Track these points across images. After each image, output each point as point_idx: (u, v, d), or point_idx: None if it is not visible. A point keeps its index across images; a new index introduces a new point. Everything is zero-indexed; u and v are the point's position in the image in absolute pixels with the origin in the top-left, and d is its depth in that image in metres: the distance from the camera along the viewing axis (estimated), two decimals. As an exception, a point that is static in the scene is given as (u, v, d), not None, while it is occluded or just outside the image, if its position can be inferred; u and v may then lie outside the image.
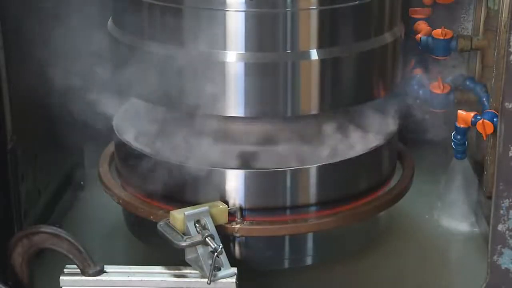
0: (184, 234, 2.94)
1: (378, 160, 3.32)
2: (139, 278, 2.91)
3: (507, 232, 2.93)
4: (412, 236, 3.60)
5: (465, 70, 4.11)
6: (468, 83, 3.77)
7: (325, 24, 2.97)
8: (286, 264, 3.28)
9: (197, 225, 2.95)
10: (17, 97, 3.10)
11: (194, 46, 2.97)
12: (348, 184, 3.22)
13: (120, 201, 3.30)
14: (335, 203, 3.18)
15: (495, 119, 3.28)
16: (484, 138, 3.43)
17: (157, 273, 2.94)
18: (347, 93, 3.09)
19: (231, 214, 3.07)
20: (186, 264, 2.95)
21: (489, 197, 3.22)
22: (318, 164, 3.13)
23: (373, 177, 3.31)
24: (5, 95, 3.03)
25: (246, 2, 2.89)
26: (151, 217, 3.15)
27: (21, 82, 3.14)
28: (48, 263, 3.15)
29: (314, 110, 3.07)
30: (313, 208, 3.16)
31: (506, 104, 2.82)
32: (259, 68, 2.95)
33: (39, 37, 3.22)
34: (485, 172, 3.58)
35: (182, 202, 3.11)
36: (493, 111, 3.34)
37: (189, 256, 2.93)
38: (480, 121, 3.32)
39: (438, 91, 3.73)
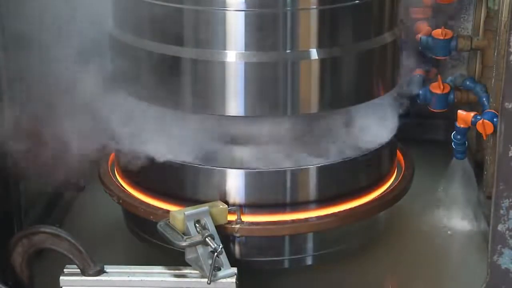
0: (184, 234, 2.94)
1: (378, 160, 3.33)
2: (139, 278, 2.91)
3: (507, 232, 2.93)
4: (412, 236, 3.60)
5: (465, 70, 4.12)
6: (468, 83, 3.77)
7: (325, 24, 2.97)
8: (286, 264, 3.28)
9: (197, 225, 2.95)
10: (17, 97, 3.10)
11: (194, 46, 2.97)
12: (348, 184, 3.22)
13: (120, 201, 3.30)
14: (335, 203, 3.19)
15: (495, 119, 3.28)
16: (484, 138, 3.44)
17: (157, 273, 2.94)
18: (347, 92, 3.09)
19: (231, 214, 3.07)
20: (186, 264, 2.95)
21: (489, 197, 3.22)
22: (318, 164, 3.13)
23: (373, 177, 3.31)
24: (5, 95, 3.03)
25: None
26: (151, 217, 3.16)
27: (22, 81, 3.13)
28: (48, 263, 3.15)
29: (314, 110, 3.07)
30: (313, 208, 3.16)
31: (506, 104, 2.82)
32: (259, 68, 2.95)
33: (40, 37, 3.22)
34: (485, 172, 3.58)
35: (182, 202, 3.11)
36: (493, 111, 3.34)
37: (189, 256, 2.94)
38: (480, 121, 3.32)
39: (438, 91, 3.73)
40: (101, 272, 2.92)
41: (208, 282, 2.86)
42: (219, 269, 2.90)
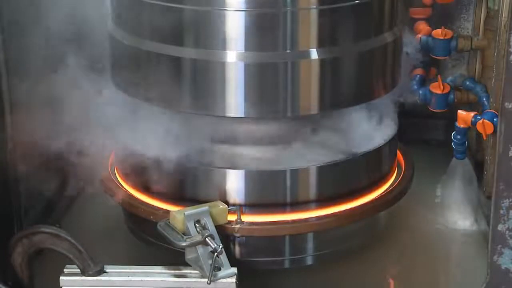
0: (184, 234, 2.94)
1: (378, 160, 3.33)
2: (139, 278, 2.91)
3: (507, 232, 2.93)
4: (412, 236, 3.60)
5: (465, 70, 4.11)
6: (468, 83, 3.77)
7: (325, 24, 2.97)
8: (286, 264, 3.28)
9: (197, 225, 2.95)
10: (17, 97, 3.10)
11: (194, 46, 2.97)
12: (348, 183, 3.22)
13: (120, 201, 3.30)
14: (335, 203, 3.19)
15: (495, 119, 3.28)
16: (484, 138, 3.44)
17: (157, 273, 2.94)
18: (347, 93, 3.09)
19: (231, 214, 3.07)
20: (186, 264, 2.95)
21: (489, 197, 3.22)
22: (318, 164, 3.13)
23: (373, 176, 3.31)
24: (5, 95, 3.03)
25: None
26: (151, 217, 3.16)
27: (22, 81, 3.13)
28: (48, 263, 3.15)
29: (314, 110, 3.07)
30: (313, 208, 3.16)
31: (506, 104, 2.82)
32: (259, 68, 2.95)
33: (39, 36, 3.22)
34: (485, 172, 3.58)
35: (182, 202, 3.11)
36: (493, 111, 3.34)
37: (189, 256, 2.94)
38: (480, 121, 3.32)
39: (438, 91, 3.73)
40: (101, 272, 2.92)
41: (208, 282, 2.86)
42: (219, 269, 2.90)
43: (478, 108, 3.60)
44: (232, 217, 3.07)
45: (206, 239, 2.89)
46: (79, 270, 2.91)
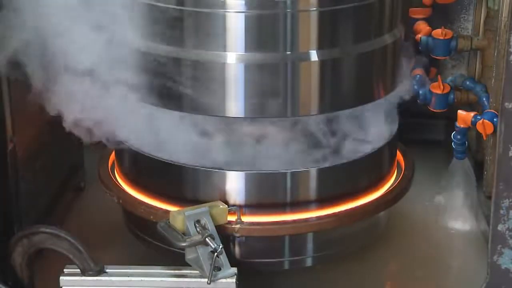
0: (184, 234, 2.94)
1: (378, 161, 3.32)
2: (139, 278, 2.91)
3: (507, 232, 2.93)
4: (412, 236, 3.60)
5: (465, 70, 4.12)
6: (468, 83, 3.77)
7: (325, 25, 2.97)
8: (286, 265, 3.28)
9: (197, 225, 2.95)
10: (17, 97, 3.10)
11: (194, 47, 2.97)
12: (348, 184, 3.22)
13: (120, 201, 3.30)
14: (335, 203, 3.18)
15: (495, 119, 3.28)
16: (484, 138, 3.44)
17: (157, 273, 2.94)
18: (347, 94, 3.09)
19: (231, 214, 3.07)
20: (186, 264, 2.95)
21: (489, 197, 3.22)
22: (318, 166, 3.13)
23: (373, 177, 3.31)
24: (5, 95, 3.03)
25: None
26: (151, 217, 3.16)
27: (21, 82, 3.13)
28: (48, 263, 3.15)
29: (314, 112, 3.07)
30: (313, 208, 3.15)
31: (506, 104, 2.82)
32: (259, 69, 2.95)
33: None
34: (485, 172, 3.58)
35: (182, 203, 3.11)
36: (493, 111, 3.34)
37: (189, 256, 2.94)
38: (480, 121, 3.32)
39: (438, 91, 3.73)
40: (101, 272, 2.92)
41: (208, 282, 2.86)
42: (219, 269, 2.90)
43: (478, 108, 3.60)
44: (232, 217, 3.07)
45: (206, 239, 2.89)
46: (79, 270, 2.91)
